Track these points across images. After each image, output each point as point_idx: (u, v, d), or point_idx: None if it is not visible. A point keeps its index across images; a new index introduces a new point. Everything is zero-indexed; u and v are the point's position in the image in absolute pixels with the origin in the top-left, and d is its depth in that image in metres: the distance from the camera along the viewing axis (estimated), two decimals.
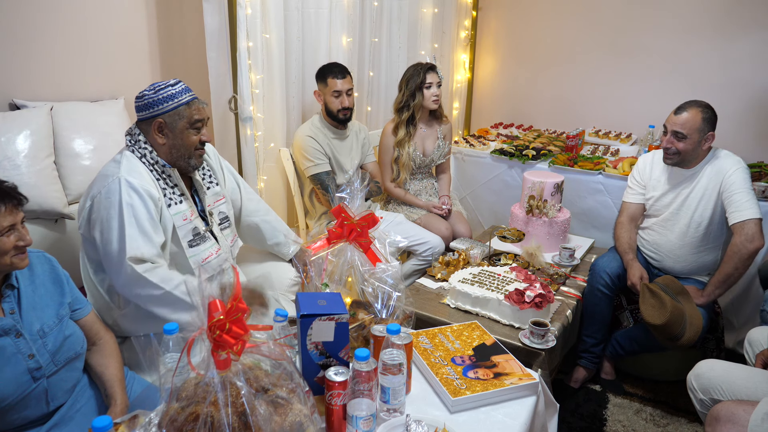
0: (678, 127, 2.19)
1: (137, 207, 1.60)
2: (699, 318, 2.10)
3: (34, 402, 1.32)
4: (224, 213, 1.92)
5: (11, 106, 2.02)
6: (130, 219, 1.58)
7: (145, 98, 1.66)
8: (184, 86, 1.70)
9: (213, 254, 1.81)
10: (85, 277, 1.72)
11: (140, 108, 1.68)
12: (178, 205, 1.73)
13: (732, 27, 3.30)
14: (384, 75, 3.38)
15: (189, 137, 1.71)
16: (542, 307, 1.96)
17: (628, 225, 2.45)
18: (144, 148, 1.69)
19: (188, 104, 1.68)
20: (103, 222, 1.60)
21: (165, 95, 1.65)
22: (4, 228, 1.25)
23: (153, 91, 1.66)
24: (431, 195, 3.08)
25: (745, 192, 2.16)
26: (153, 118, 1.67)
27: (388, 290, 1.45)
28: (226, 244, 1.89)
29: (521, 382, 1.40)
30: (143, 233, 1.59)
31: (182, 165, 1.75)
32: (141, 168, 1.67)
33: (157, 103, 1.65)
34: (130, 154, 1.69)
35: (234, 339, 0.96)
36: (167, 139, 1.70)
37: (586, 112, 3.90)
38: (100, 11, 2.27)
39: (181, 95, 1.67)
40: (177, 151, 1.71)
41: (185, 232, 1.74)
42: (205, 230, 1.81)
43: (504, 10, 4.09)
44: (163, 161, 1.71)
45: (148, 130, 1.69)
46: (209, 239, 1.82)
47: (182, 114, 1.68)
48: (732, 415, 1.50)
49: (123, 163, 1.65)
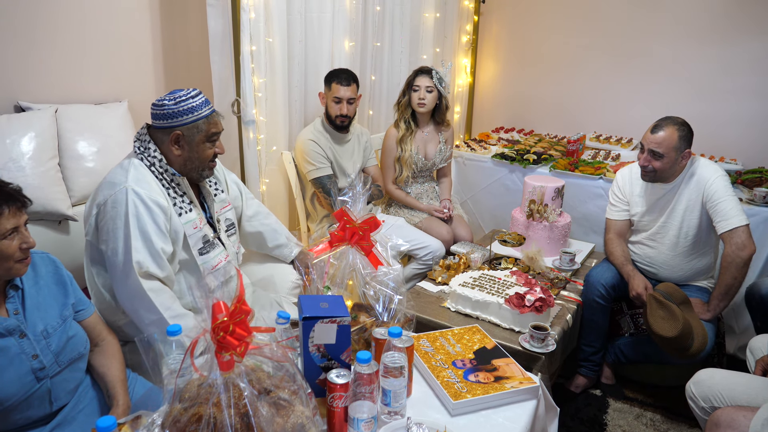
0: (654, 146, 2.18)
1: (144, 218, 1.58)
2: (703, 327, 2.09)
3: (37, 402, 1.32)
4: (230, 220, 1.92)
5: (16, 109, 2.03)
6: (136, 231, 1.57)
7: (165, 107, 1.63)
8: (204, 98, 1.68)
9: (222, 261, 1.81)
10: (89, 280, 1.72)
11: (158, 116, 1.65)
12: (188, 214, 1.72)
13: (733, 32, 3.31)
14: (386, 79, 3.40)
15: (205, 150, 1.70)
16: (542, 311, 1.96)
17: (618, 240, 2.44)
18: (154, 157, 1.67)
19: (207, 117, 1.67)
20: (109, 232, 1.59)
21: (186, 107, 1.63)
22: (7, 230, 1.24)
23: (174, 102, 1.63)
24: (432, 198, 3.09)
25: (729, 199, 2.15)
26: (171, 129, 1.65)
27: (390, 293, 1.46)
28: (232, 251, 1.90)
29: (522, 385, 1.41)
30: (149, 245, 1.58)
31: (194, 176, 1.74)
32: (149, 177, 1.65)
33: (177, 115, 1.63)
34: (138, 162, 1.66)
35: (237, 341, 0.97)
36: (183, 151, 1.68)
37: (587, 116, 3.91)
38: (105, 15, 2.28)
39: (202, 108, 1.65)
40: (191, 163, 1.70)
41: (195, 240, 1.73)
42: (213, 237, 1.81)
43: (505, 15, 4.11)
44: (173, 170, 1.70)
45: (164, 139, 1.67)
46: (218, 246, 1.82)
47: (200, 127, 1.66)
48: (732, 420, 1.51)
49: (131, 171, 1.63)
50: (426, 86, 2.86)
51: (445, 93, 2.93)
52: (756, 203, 2.67)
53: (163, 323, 1.58)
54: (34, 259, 1.38)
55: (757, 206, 2.64)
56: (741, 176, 2.96)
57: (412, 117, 2.97)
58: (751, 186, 2.83)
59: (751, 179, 2.89)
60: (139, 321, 1.62)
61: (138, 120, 2.35)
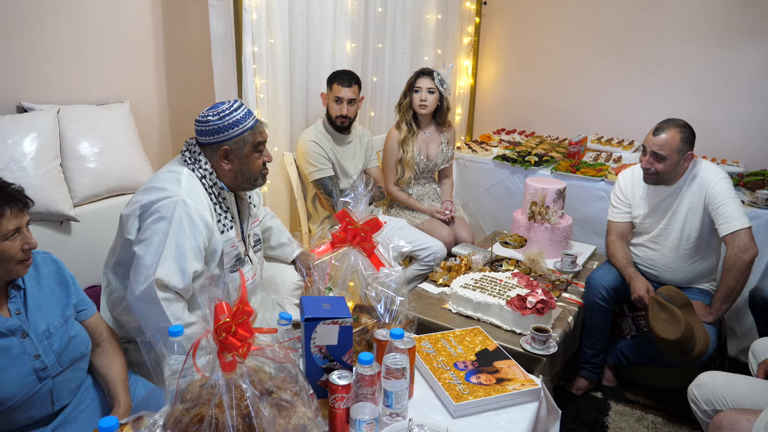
0: (657, 148, 2.17)
1: (185, 232, 1.54)
2: (705, 330, 2.09)
3: (39, 402, 1.32)
4: (258, 235, 1.90)
5: (19, 109, 2.03)
6: (172, 243, 1.53)
7: (209, 124, 1.61)
8: (247, 109, 1.66)
9: (250, 279, 1.79)
10: (112, 279, 1.69)
11: (204, 133, 1.63)
12: (229, 232, 1.70)
13: (735, 35, 3.31)
14: (387, 81, 3.40)
15: (255, 161, 1.68)
16: (544, 313, 1.96)
17: (620, 242, 2.43)
18: (205, 170, 1.65)
19: (252, 128, 1.65)
20: (146, 234, 1.56)
21: (230, 121, 1.61)
22: (9, 231, 1.24)
23: (218, 117, 1.61)
24: (434, 200, 3.09)
25: (731, 202, 2.15)
26: (219, 144, 1.63)
27: (391, 295, 1.46)
28: (258, 267, 1.89)
29: (524, 387, 1.40)
30: (180, 261, 1.54)
31: (246, 188, 1.73)
32: (200, 190, 1.62)
33: (222, 130, 1.61)
34: (189, 172, 1.63)
35: (239, 341, 0.97)
36: (233, 165, 1.66)
37: (588, 118, 3.91)
38: (107, 16, 2.29)
39: (246, 120, 1.64)
40: (243, 175, 1.69)
41: (230, 258, 1.72)
42: (244, 254, 1.79)
43: (507, 17, 4.12)
44: (222, 184, 1.68)
45: (213, 155, 1.65)
46: (247, 263, 1.80)
47: (247, 139, 1.64)
48: (734, 424, 1.50)
49: (183, 181, 1.59)
50: (427, 88, 2.87)
51: (447, 94, 2.94)
52: (758, 206, 2.66)
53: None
54: (36, 259, 1.38)
55: (760, 209, 2.64)
56: (743, 178, 2.95)
57: (414, 118, 2.97)
58: (754, 188, 2.83)
59: (754, 181, 2.88)
60: (146, 325, 1.59)
61: (140, 121, 2.35)
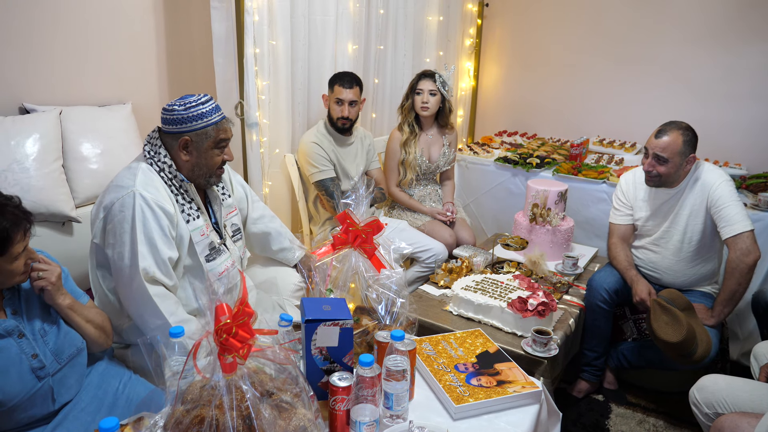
0: (659, 151, 2.17)
1: (150, 223, 1.58)
2: (707, 333, 2.08)
3: (40, 401, 1.33)
4: (236, 225, 1.92)
5: (21, 110, 2.04)
6: (142, 236, 1.56)
7: (174, 113, 1.62)
8: (215, 104, 1.67)
9: (228, 267, 1.80)
10: (94, 282, 1.72)
11: (168, 121, 1.64)
12: (196, 221, 1.71)
13: (735, 37, 3.31)
14: (389, 82, 3.40)
15: (213, 157, 1.69)
16: (545, 316, 1.96)
17: (622, 244, 2.43)
18: (164, 162, 1.66)
19: (216, 124, 1.66)
20: (115, 236, 1.59)
21: (196, 113, 1.62)
22: (18, 254, 1.27)
23: (183, 108, 1.62)
24: (435, 201, 3.09)
25: (733, 205, 2.14)
26: (180, 134, 1.64)
27: (392, 296, 1.46)
28: (237, 256, 1.89)
29: (524, 390, 1.40)
30: (154, 252, 1.58)
31: (201, 182, 1.74)
32: (158, 182, 1.64)
33: (186, 120, 1.62)
34: (147, 166, 1.65)
35: (240, 343, 0.97)
36: (191, 157, 1.68)
37: (590, 120, 3.91)
38: (109, 17, 2.29)
39: (211, 115, 1.65)
40: (199, 169, 1.70)
41: (202, 247, 1.73)
42: (219, 243, 1.80)
43: (509, 19, 4.12)
44: (182, 176, 1.69)
45: (173, 145, 1.67)
46: (224, 252, 1.81)
47: (209, 134, 1.66)
48: (736, 427, 1.50)
49: (138, 175, 1.62)
50: (429, 89, 2.87)
51: (449, 96, 2.94)
52: (761, 208, 2.66)
53: (168, 328, 1.57)
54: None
55: (762, 211, 2.63)
56: (746, 181, 2.95)
57: (416, 120, 2.98)
58: (756, 191, 2.82)
59: (756, 184, 2.88)
60: (144, 326, 1.61)
61: (141, 122, 2.35)
